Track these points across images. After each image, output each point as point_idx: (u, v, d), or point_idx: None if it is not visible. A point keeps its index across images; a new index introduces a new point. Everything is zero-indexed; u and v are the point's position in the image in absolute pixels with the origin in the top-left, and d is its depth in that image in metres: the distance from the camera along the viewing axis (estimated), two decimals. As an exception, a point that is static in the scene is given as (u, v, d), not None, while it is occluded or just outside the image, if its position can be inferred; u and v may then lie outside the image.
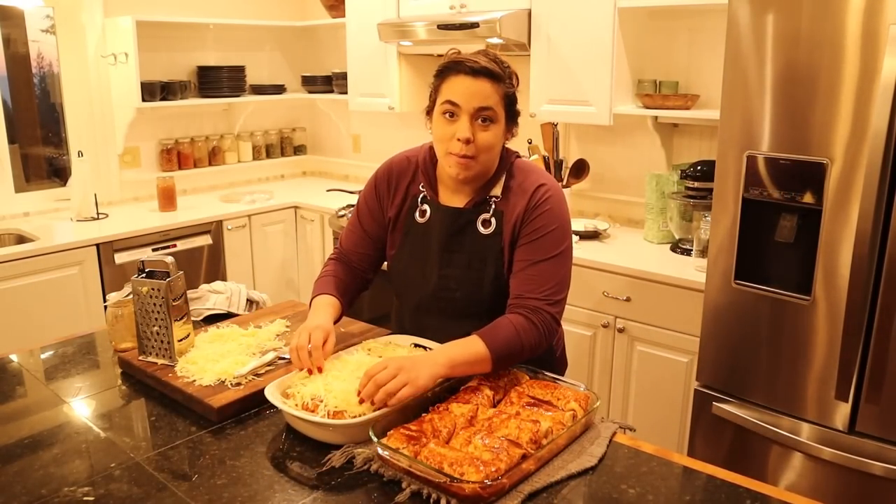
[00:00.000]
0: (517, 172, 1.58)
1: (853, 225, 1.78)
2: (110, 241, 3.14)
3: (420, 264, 1.63)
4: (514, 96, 1.52)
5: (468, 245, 1.57)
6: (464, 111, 1.46)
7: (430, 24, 3.04)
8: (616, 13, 2.69)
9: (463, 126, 1.46)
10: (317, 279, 1.71)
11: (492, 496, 1.12)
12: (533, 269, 1.50)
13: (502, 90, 1.48)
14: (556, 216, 1.53)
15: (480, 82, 1.46)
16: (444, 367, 1.36)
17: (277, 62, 4.32)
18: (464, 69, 1.46)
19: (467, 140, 1.46)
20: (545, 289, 1.49)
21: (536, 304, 1.47)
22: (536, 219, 1.52)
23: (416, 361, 1.35)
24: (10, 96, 3.51)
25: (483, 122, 1.47)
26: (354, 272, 1.73)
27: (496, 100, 1.47)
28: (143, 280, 1.58)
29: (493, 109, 1.47)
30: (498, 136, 1.51)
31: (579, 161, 3.14)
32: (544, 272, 1.50)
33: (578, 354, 2.73)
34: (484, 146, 1.49)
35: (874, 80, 1.70)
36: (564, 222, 1.55)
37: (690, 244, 2.68)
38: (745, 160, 1.95)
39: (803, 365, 1.94)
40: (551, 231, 1.52)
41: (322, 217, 3.72)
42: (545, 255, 1.51)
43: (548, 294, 1.49)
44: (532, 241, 1.52)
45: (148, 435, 1.37)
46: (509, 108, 1.51)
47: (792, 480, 2.01)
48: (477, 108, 1.46)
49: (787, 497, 1.18)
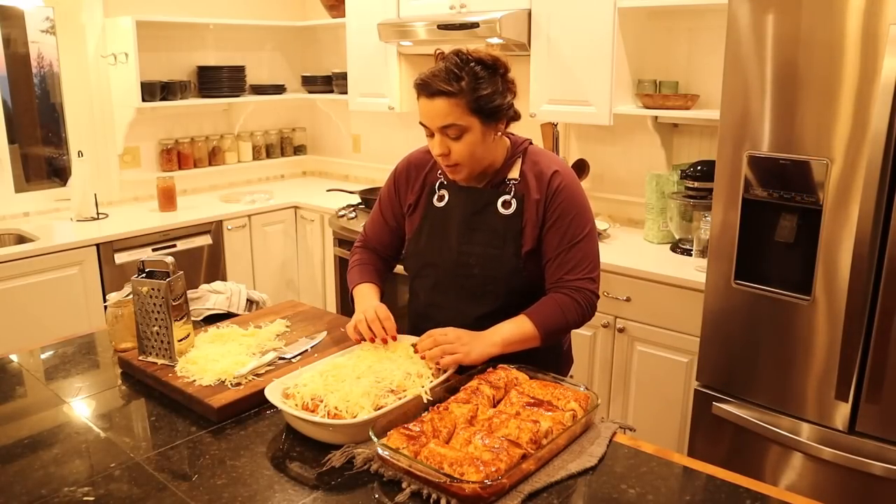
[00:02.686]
0: (530, 157, 1.66)
1: (853, 225, 1.78)
2: (110, 241, 3.14)
3: (438, 243, 1.69)
4: (483, 98, 1.51)
5: (488, 224, 1.64)
6: (433, 130, 1.55)
7: (431, 24, 3.04)
8: (616, 13, 2.69)
9: (435, 144, 1.56)
10: (350, 268, 1.83)
11: (492, 496, 1.12)
12: (567, 254, 1.60)
13: (464, 100, 1.50)
14: (576, 200, 1.62)
15: (438, 103, 1.51)
16: (498, 346, 1.51)
17: (277, 62, 4.32)
18: (424, 92, 1.53)
19: (442, 155, 1.56)
20: (582, 269, 1.60)
21: (578, 284, 1.60)
22: (559, 206, 1.61)
23: (474, 337, 1.50)
24: (10, 96, 3.51)
25: (452, 136, 1.54)
26: (380, 257, 1.86)
27: (458, 114, 1.51)
28: (143, 280, 1.58)
29: (457, 125, 1.52)
30: (473, 142, 1.55)
31: (579, 161, 3.14)
32: (578, 254, 1.60)
33: (578, 354, 2.71)
34: (460, 155, 1.56)
35: (874, 80, 1.70)
36: (584, 203, 1.64)
37: (690, 244, 2.68)
38: (745, 160, 1.95)
39: (803, 365, 1.94)
40: (575, 215, 1.61)
41: (322, 217, 3.72)
42: (575, 239, 1.60)
43: (586, 273, 1.61)
44: (559, 227, 1.61)
45: (148, 435, 1.37)
46: (481, 111, 1.52)
47: (792, 480, 2.01)
48: (440, 127, 1.53)
49: (787, 497, 1.18)
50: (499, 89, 1.54)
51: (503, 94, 1.55)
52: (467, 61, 1.52)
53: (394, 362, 1.47)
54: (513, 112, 1.60)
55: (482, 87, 1.51)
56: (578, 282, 1.60)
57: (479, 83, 1.51)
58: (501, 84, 1.55)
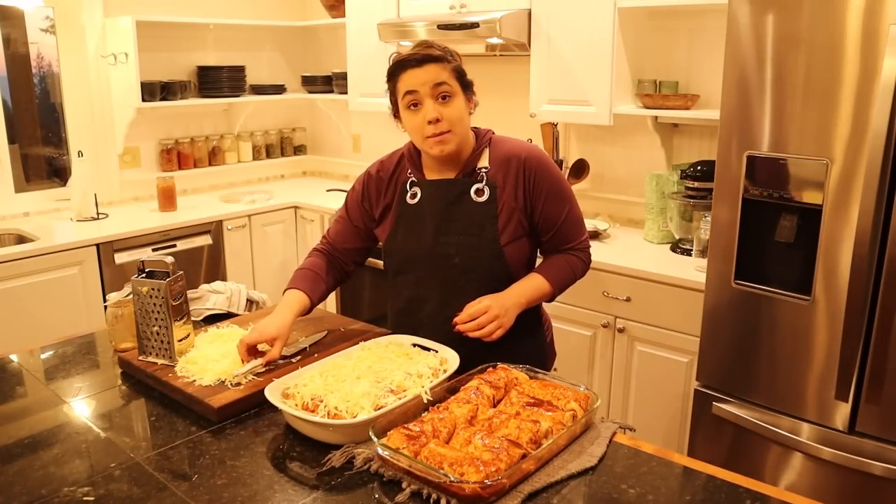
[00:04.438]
0: (496, 145, 1.71)
1: (853, 225, 1.78)
2: (110, 241, 3.14)
3: (416, 238, 1.70)
4: (461, 69, 1.64)
5: (464, 213, 1.66)
6: (424, 95, 1.59)
7: (430, 24, 3.04)
8: (616, 13, 2.69)
9: (428, 108, 1.59)
10: (296, 269, 1.82)
11: (492, 496, 1.12)
12: (563, 226, 1.70)
13: (449, 66, 1.61)
14: (552, 173, 1.69)
15: (428, 67, 1.59)
16: (523, 305, 1.64)
17: (277, 62, 4.32)
18: (410, 64, 1.60)
19: (436, 119, 1.59)
20: (579, 233, 1.75)
21: (580, 244, 1.75)
22: (542, 187, 1.67)
23: (506, 307, 1.59)
24: (10, 96, 3.51)
25: (443, 98, 1.60)
26: (335, 264, 1.83)
27: (447, 75, 1.60)
28: (143, 280, 1.58)
29: (448, 84, 1.60)
30: (461, 107, 1.62)
31: (579, 161, 3.14)
32: (569, 223, 1.71)
33: (578, 354, 2.73)
34: (452, 118, 1.61)
35: (874, 80, 1.70)
36: (558, 173, 1.72)
37: (690, 244, 2.68)
38: (745, 160, 1.95)
39: (803, 365, 1.94)
40: (559, 189, 1.69)
41: (322, 217, 3.72)
42: (563, 210, 1.69)
43: (583, 235, 1.76)
44: (546, 203, 1.67)
45: (148, 435, 1.37)
46: (461, 80, 1.63)
47: (792, 480, 2.01)
48: (433, 86, 1.59)
49: (787, 497, 1.18)
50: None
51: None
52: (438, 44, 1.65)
53: (394, 362, 1.47)
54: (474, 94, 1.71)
55: (458, 59, 1.65)
56: (579, 244, 1.74)
57: (455, 57, 1.64)
58: None
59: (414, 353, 1.53)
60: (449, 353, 1.53)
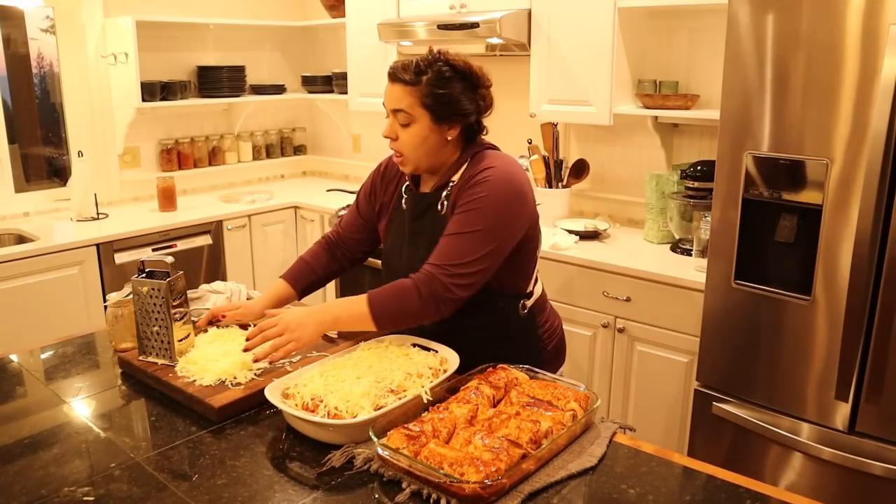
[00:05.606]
0: (481, 160, 1.62)
1: (853, 225, 1.78)
2: (110, 241, 3.14)
3: (398, 247, 1.74)
4: (440, 96, 1.56)
5: (429, 228, 1.66)
6: (388, 112, 1.62)
7: (430, 24, 3.04)
8: (616, 13, 2.69)
9: (387, 125, 1.63)
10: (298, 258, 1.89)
11: (492, 496, 1.12)
12: (447, 239, 1.55)
13: (417, 93, 1.56)
14: (487, 196, 1.54)
15: (395, 87, 1.59)
16: (328, 324, 1.54)
17: (277, 62, 4.32)
18: (389, 75, 1.61)
19: (390, 138, 1.62)
20: (450, 260, 1.52)
21: (433, 270, 1.52)
22: (465, 194, 1.57)
23: (303, 319, 1.50)
24: (10, 96, 3.51)
25: (401, 122, 1.60)
26: (336, 254, 1.89)
27: (409, 102, 1.57)
28: (143, 280, 1.58)
29: (406, 111, 1.58)
30: (419, 135, 1.59)
31: (579, 161, 3.14)
32: (452, 243, 1.53)
33: (578, 354, 2.73)
34: (405, 144, 1.61)
35: (874, 81, 1.70)
36: (496, 205, 1.54)
37: (690, 244, 2.68)
38: (745, 160, 1.95)
39: (803, 365, 1.94)
40: (476, 209, 1.54)
41: (322, 217, 3.72)
42: (460, 230, 1.54)
43: (446, 262, 1.52)
44: (456, 214, 1.57)
45: (148, 435, 1.37)
46: (435, 108, 1.57)
47: (792, 480, 2.01)
48: (392, 109, 1.60)
49: (787, 497, 1.18)
50: (463, 95, 1.59)
51: (468, 101, 1.60)
52: (437, 60, 1.59)
53: (394, 362, 1.47)
54: (475, 123, 1.65)
55: (443, 86, 1.56)
56: (434, 269, 1.51)
57: (441, 82, 1.56)
58: (469, 93, 1.60)
59: (414, 353, 1.53)
60: (449, 353, 1.53)
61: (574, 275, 2.69)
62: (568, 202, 3.15)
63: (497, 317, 1.67)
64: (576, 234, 2.85)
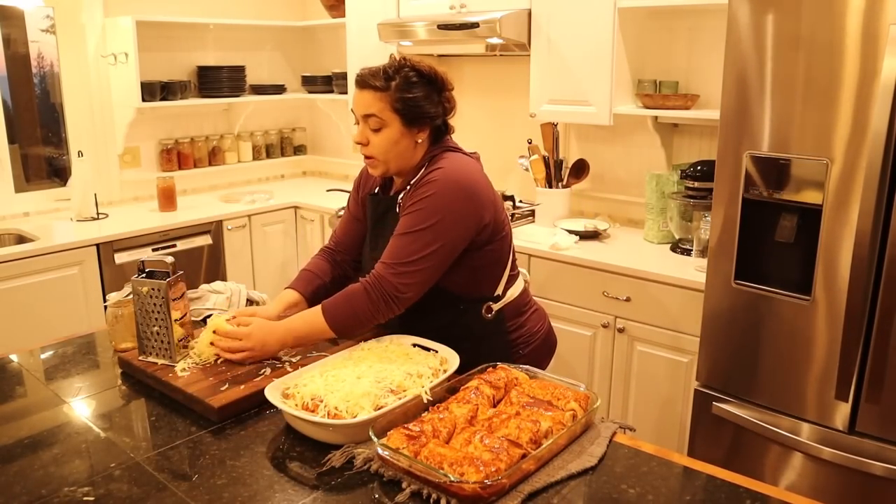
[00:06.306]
0: (434, 162, 1.66)
1: (853, 225, 1.78)
2: (110, 241, 3.14)
3: (367, 250, 1.79)
4: (409, 101, 1.61)
5: (388, 231, 1.68)
6: (358, 118, 1.66)
7: (430, 24, 3.04)
8: (616, 13, 2.69)
9: (357, 131, 1.66)
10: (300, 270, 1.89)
11: (492, 496, 1.12)
12: (394, 239, 1.60)
13: (387, 98, 1.61)
14: (431, 196, 1.58)
15: (364, 93, 1.63)
16: (291, 343, 1.59)
17: (277, 62, 4.32)
18: (357, 82, 1.65)
19: (361, 143, 1.65)
20: (396, 259, 1.57)
21: (381, 270, 1.58)
22: (413, 195, 1.62)
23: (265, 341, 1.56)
24: (10, 96, 3.51)
25: (372, 127, 1.63)
26: (336, 263, 1.89)
27: (380, 107, 1.61)
28: (143, 280, 1.58)
29: (377, 116, 1.62)
30: (390, 139, 1.63)
31: (579, 161, 3.14)
32: (401, 243, 1.58)
33: (578, 354, 2.73)
34: (377, 147, 1.64)
35: (874, 81, 1.70)
36: (442, 205, 1.58)
37: (690, 244, 2.68)
38: (745, 160, 1.95)
39: (803, 365, 1.94)
40: (418, 210, 1.59)
41: (322, 217, 3.72)
42: (405, 230, 1.59)
43: (397, 264, 1.57)
44: (403, 215, 1.62)
45: (148, 435, 1.37)
46: (405, 112, 1.62)
47: (792, 480, 2.01)
48: (362, 115, 1.64)
49: (787, 497, 1.18)
50: (429, 99, 1.64)
51: (434, 105, 1.65)
52: (403, 66, 1.64)
53: (394, 362, 1.47)
54: (442, 124, 1.70)
55: (411, 90, 1.62)
56: (383, 268, 1.57)
57: (409, 87, 1.62)
58: (435, 96, 1.65)
59: (414, 353, 1.53)
60: (449, 354, 1.53)
61: (574, 275, 2.69)
62: (568, 202, 3.15)
63: (457, 319, 1.69)
64: (576, 234, 2.85)
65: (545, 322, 1.87)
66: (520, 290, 1.79)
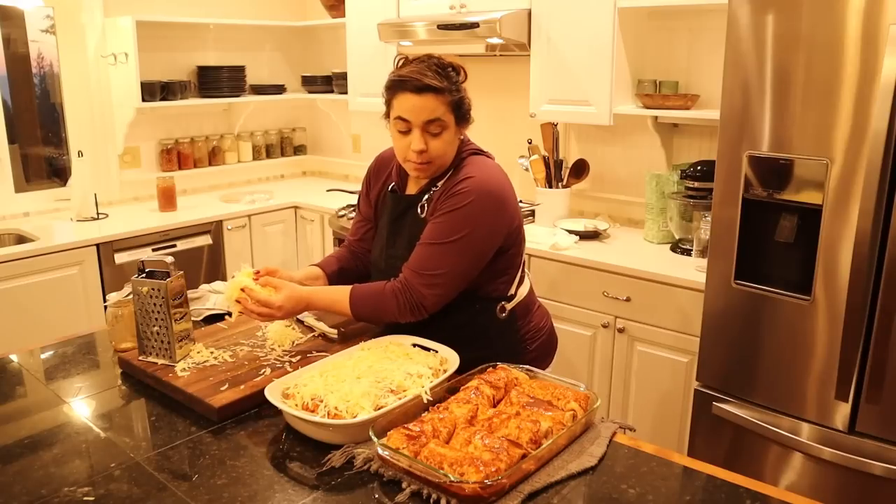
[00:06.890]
0: (465, 165, 1.64)
1: (853, 225, 1.78)
2: (110, 241, 3.14)
3: (380, 244, 1.76)
4: (460, 101, 1.60)
5: (409, 229, 1.67)
6: (415, 125, 1.57)
7: (431, 24, 3.04)
8: (616, 13, 2.69)
9: (416, 139, 1.57)
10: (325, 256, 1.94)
11: (492, 496, 1.12)
12: (424, 247, 1.59)
13: (448, 99, 1.57)
14: (465, 207, 1.56)
15: (426, 98, 1.55)
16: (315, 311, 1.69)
17: (277, 62, 4.32)
18: (409, 87, 1.55)
19: (421, 151, 1.58)
20: (426, 269, 1.57)
21: (410, 278, 1.58)
22: (444, 204, 1.59)
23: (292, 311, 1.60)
24: (10, 96, 3.51)
25: (433, 132, 1.58)
26: (356, 256, 1.89)
27: (443, 110, 1.56)
28: (143, 280, 1.58)
29: (442, 119, 1.57)
30: (449, 141, 1.61)
31: (579, 161, 3.14)
32: (428, 253, 1.58)
33: (578, 354, 2.73)
34: (437, 153, 1.60)
35: (874, 81, 1.70)
36: (471, 214, 1.57)
37: (690, 244, 2.68)
38: (744, 160, 1.95)
39: (803, 365, 1.94)
40: (452, 220, 1.57)
41: (322, 217, 3.72)
42: (437, 239, 1.57)
43: (427, 275, 1.57)
44: (434, 222, 1.60)
45: (148, 435, 1.37)
46: (457, 111, 1.60)
47: (792, 480, 2.01)
48: (426, 121, 1.56)
49: (787, 497, 1.18)
50: (466, 94, 1.63)
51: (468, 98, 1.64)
52: (443, 65, 1.59)
53: (394, 362, 1.47)
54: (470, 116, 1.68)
55: (460, 87, 1.61)
56: (412, 275, 1.58)
57: (458, 84, 1.60)
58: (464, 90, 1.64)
59: (414, 353, 1.53)
60: (449, 353, 1.53)
61: (574, 275, 2.69)
62: (568, 202, 3.15)
63: (474, 318, 1.68)
64: (576, 234, 2.85)
65: (548, 318, 1.88)
66: (528, 289, 1.80)
